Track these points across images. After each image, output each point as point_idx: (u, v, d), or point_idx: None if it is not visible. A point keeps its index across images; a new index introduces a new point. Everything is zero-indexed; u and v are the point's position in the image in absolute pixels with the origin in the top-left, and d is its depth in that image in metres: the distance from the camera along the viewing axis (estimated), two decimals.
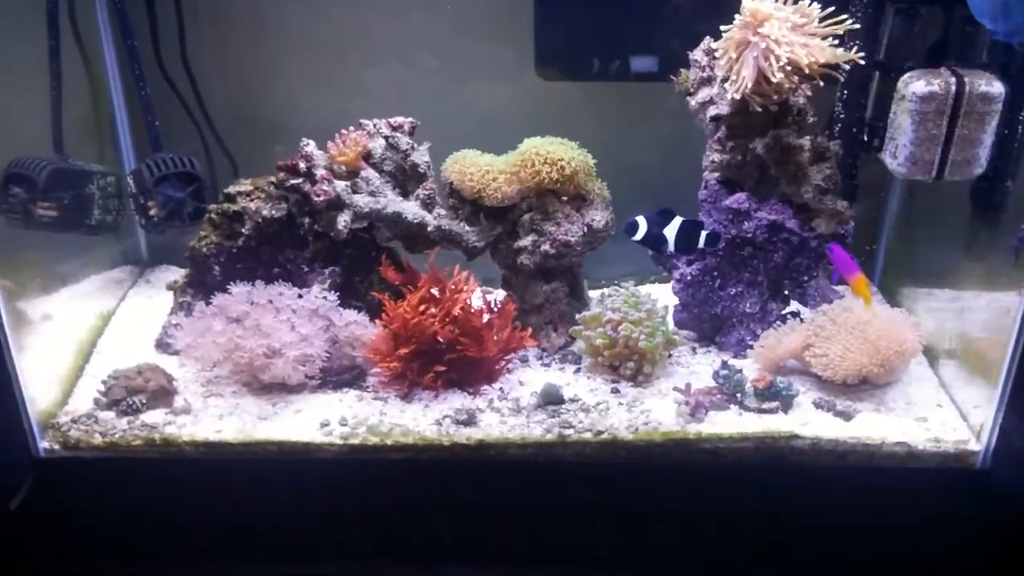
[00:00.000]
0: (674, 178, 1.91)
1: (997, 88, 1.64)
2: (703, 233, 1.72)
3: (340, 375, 1.75)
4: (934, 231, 1.99)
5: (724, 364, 1.71)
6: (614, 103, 2.09)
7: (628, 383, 1.76)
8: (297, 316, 1.68)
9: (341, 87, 2.11)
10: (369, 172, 1.76)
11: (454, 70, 2.09)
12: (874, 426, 1.61)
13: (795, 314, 1.83)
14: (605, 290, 1.87)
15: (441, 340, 1.68)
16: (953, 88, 1.63)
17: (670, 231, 1.70)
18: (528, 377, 1.80)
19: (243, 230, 1.78)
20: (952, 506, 1.58)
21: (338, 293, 1.77)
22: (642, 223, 1.71)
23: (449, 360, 1.69)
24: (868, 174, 1.94)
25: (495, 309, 1.78)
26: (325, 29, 2.07)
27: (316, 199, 1.70)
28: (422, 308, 1.67)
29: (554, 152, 1.77)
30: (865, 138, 1.89)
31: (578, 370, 1.82)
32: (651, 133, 2.09)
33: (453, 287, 1.71)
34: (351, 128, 1.79)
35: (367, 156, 1.78)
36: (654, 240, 1.72)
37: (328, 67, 2.10)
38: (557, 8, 2.01)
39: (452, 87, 2.10)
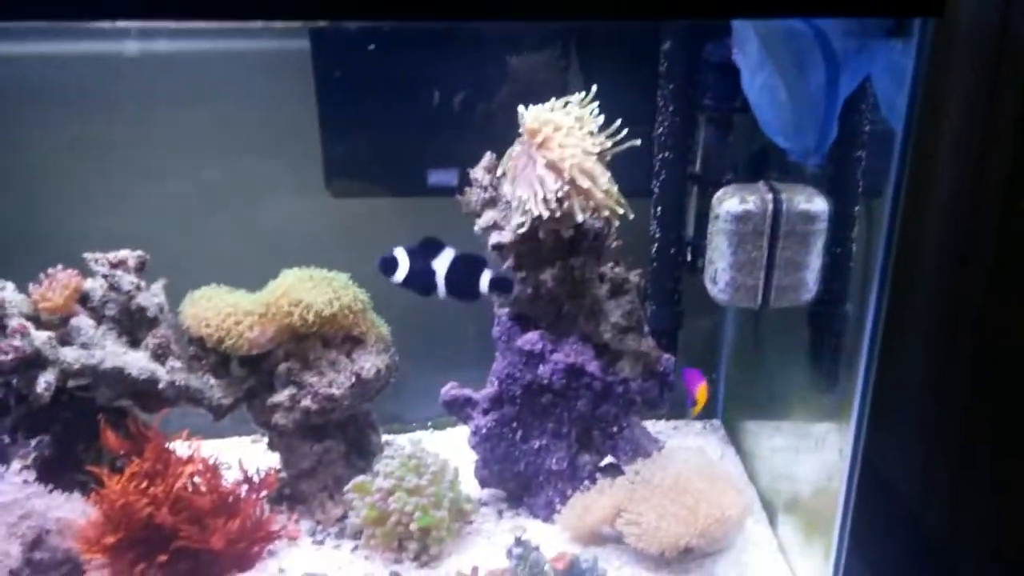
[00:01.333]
0: (482, 309, 1.63)
1: (819, 205, 1.43)
2: (486, 273, 1.39)
3: (48, 573, 1.39)
4: (776, 358, 1.76)
5: (518, 540, 1.41)
6: (414, 222, 1.83)
7: (413, 562, 1.45)
8: None
9: (114, 203, 1.77)
10: (81, 319, 1.44)
11: (240, 187, 1.81)
12: None
13: (614, 467, 1.55)
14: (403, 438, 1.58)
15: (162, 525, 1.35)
16: (770, 206, 1.42)
17: (439, 265, 1.38)
18: (294, 560, 1.47)
19: None
20: None
21: (51, 467, 1.43)
22: (402, 257, 1.37)
23: (178, 548, 1.36)
24: (701, 296, 1.71)
25: (255, 479, 1.46)
26: (96, 136, 1.74)
27: (3, 357, 1.37)
28: (136, 485, 1.34)
29: (308, 293, 1.47)
30: (687, 259, 1.67)
31: (356, 547, 1.50)
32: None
33: (180, 458, 1.38)
34: (59, 266, 1.48)
35: (84, 299, 1.47)
36: (421, 279, 1.38)
37: (101, 180, 1.78)
38: (345, 120, 1.76)
39: (237, 206, 1.81)
